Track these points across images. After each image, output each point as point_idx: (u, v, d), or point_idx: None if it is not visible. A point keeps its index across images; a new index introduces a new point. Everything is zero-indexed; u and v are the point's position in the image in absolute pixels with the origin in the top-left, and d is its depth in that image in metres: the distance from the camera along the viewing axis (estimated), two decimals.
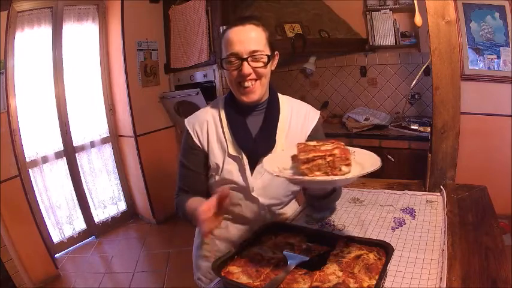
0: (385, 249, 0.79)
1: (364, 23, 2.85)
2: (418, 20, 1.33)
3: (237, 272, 0.77)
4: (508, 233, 2.15)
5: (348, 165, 0.77)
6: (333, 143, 0.85)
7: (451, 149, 1.29)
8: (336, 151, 0.77)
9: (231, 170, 1.04)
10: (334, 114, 3.14)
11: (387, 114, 2.81)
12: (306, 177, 0.75)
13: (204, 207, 0.81)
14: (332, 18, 2.86)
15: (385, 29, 2.78)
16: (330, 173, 0.76)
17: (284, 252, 0.82)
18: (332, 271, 0.74)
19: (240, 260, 0.82)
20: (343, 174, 0.76)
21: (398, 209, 1.14)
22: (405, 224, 1.03)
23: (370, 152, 0.85)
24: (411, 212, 1.11)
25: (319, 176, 0.76)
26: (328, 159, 0.76)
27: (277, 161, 0.86)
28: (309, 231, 0.94)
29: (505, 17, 2.08)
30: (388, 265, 0.74)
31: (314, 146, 0.83)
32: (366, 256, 0.78)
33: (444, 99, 1.26)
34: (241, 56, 0.96)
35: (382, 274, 0.71)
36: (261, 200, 1.06)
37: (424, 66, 2.39)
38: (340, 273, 0.73)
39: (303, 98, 1.16)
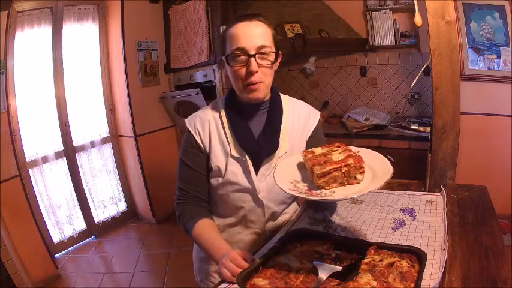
0: (417, 256, 0.76)
1: (364, 23, 2.85)
2: (418, 20, 1.33)
3: (263, 285, 0.73)
4: (508, 233, 2.15)
5: (362, 172, 0.78)
6: (338, 147, 0.84)
7: (451, 149, 1.29)
8: (350, 160, 0.77)
9: (235, 171, 1.02)
10: (334, 114, 3.14)
11: (387, 114, 2.81)
12: (329, 197, 0.75)
13: (231, 270, 0.82)
14: (332, 18, 2.86)
15: (385, 29, 2.78)
16: (345, 183, 0.77)
17: (314, 263, 0.77)
18: (366, 281, 0.69)
19: (265, 271, 0.77)
20: (359, 182, 0.77)
21: (398, 209, 1.13)
22: (405, 224, 1.03)
23: (375, 153, 0.84)
24: (411, 212, 1.10)
25: (336, 188, 0.77)
26: (343, 170, 0.76)
27: (287, 175, 0.84)
28: (335, 238, 0.90)
29: (505, 17, 2.08)
30: (423, 273, 0.71)
31: (323, 154, 0.82)
32: (399, 264, 0.73)
33: (444, 99, 1.26)
34: (249, 51, 0.93)
35: (419, 283, 0.67)
36: (266, 202, 1.05)
37: (424, 66, 2.39)
38: (375, 283, 0.69)
39: (303, 98, 1.16)
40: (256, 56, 0.94)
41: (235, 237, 1.10)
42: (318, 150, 0.86)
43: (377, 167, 0.79)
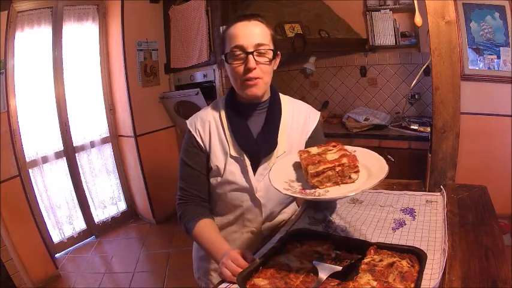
0: (417, 256, 0.76)
1: (364, 23, 2.85)
2: (418, 20, 1.33)
3: (263, 285, 0.73)
4: (508, 233, 2.15)
5: (357, 172, 0.77)
6: (334, 146, 0.84)
7: (451, 149, 1.29)
8: (344, 160, 0.77)
9: (234, 171, 1.03)
10: (334, 114, 3.14)
11: (387, 114, 2.81)
12: (322, 196, 0.75)
13: (232, 270, 0.82)
14: (332, 18, 2.86)
15: (385, 29, 2.78)
16: (340, 182, 0.77)
17: (314, 262, 0.77)
18: (366, 281, 0.69)
19: (265, 271, 0.77)
20: (353, 182, 0.77)
21: (398, 209, 1.13)
22: (405, 224, 1.03)
23: (372, 152, 0.84)
24: (411, 212, 1.10)
25: (330, 187, 0.77)
26: (337, 170, 0.76)
27: (283, 174, 0.85)
28: (335, 238, 0.90)
29: (505, 17, 2.08)
30: (423, 273, 0.71)
31: (318, 154, 0.82)
32: (399, 264, 0.74)
33: (444, 99, 1.26)
34: (247, 49, 0.95)
35: (419, 283, 0.67)
36: (264, 201, 1.05)
37: (424, 66, 2.39)
38: (375, 283, 0.69)
39: (303, 98, 1.16)
40: (254, 53, 0.95)
41: (231, 235, 1.10)
42: (314, 150, 0.86)
43: (373, 166, 0.79)
